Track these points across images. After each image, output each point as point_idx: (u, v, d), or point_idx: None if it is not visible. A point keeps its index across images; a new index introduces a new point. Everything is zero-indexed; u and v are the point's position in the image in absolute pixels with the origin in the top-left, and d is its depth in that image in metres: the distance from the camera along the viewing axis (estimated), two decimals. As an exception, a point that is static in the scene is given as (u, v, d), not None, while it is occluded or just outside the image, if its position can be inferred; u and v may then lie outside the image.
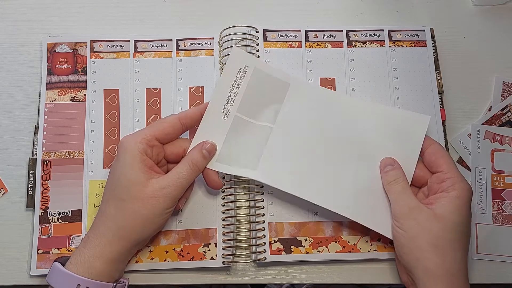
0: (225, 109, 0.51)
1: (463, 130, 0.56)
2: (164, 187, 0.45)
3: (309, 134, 0.51)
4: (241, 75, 0.51)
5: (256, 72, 0.52)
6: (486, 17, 0.60)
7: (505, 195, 0.53)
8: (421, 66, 0.56)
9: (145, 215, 0.45)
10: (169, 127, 0.48)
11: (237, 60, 0.52)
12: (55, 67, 0.55)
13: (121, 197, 0.45)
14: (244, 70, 0.51)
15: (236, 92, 0.51)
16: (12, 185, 0.53)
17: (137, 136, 0.46)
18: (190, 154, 0.48)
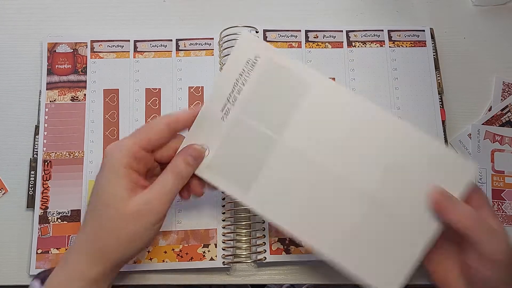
0: (225, 109, 0.43)
1: (463, 130, 0.56)
2: (149, 201, 0.41)
3: (323, 159, 0.41)
4: (249, 67, 0.43)
5: (269, 65, 0.42)
6: (486, 17, 0.60)
7: (505, 195, 0.53)
8: (421, 66, 0.56)
9: (129, 234, 0.40)
10: (155, 136, 0.43)
11: (246, 48, 0.42)
12: (55, 67, 0.55)
13: (103, 214, 0.41)
14: (254, 61, 0.43)
15: (241, 88, 0.43)
16: (12, 185, 0.53)
17: (121, 148, 0.41)
18: (173, 162, 0.43)
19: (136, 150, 0.42)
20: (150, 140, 0.43)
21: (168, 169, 0.43)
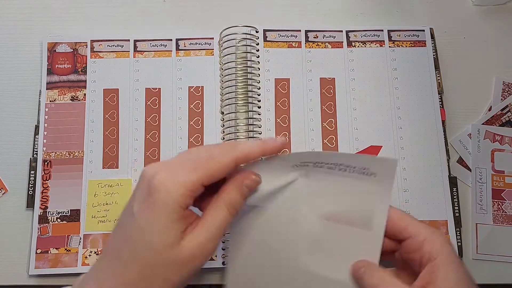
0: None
1: (463, 130, 0.56)
2: (203, 243, 0.36)
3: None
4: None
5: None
6: (486, 17, 0.60)
7: (505, 195, 0.53)
8: (421, 66, 0.56)
9: (176, 281, 0.35)
10: (220, 173, 0.37)
11: None
12: (55, 66, 0.55)
13: (151, 262, 0.35)
14: None
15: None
16: (12, 185, 0.53)
17: (179, 184, 0.35)
18: (227, 193, 0.38)
19: (197, 188, 0.36)
20: (213, 176, 0.36)
21: (221, 201, 0.37)
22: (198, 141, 0.54)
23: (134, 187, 0.38)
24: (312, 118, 0.55)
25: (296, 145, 0.54)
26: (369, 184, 0.37)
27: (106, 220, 0.51)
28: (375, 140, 0.54)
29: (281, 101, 0.55)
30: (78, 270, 0.50)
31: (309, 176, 0.39)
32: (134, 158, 0.53)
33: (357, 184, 0.38)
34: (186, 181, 0.35)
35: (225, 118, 0.54)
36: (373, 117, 0.55)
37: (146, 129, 0.54)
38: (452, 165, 0.54)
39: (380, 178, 0.37)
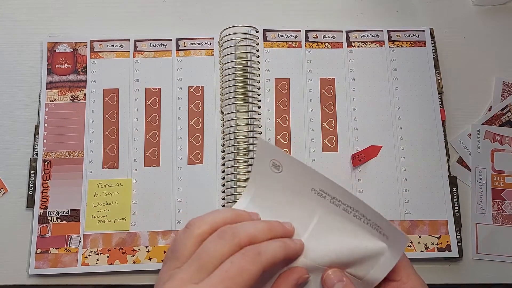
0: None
1: (463, 130, 0.56)
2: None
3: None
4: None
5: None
6: (486, 17, 0.60)
7: (505, 195, 0.53)
8: (421, 66, 0.56)
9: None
10: (251, 284, 0.36)
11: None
12: (55, 66, 0.55)
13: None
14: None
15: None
16: (12, 185, 0.53)
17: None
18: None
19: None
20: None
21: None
22: (198, 141, 0.54)
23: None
24: (312, 118, 0.55)
25: (296, 145, 0.54)
26: (379, 242, 0.37)
27: (106, 220, 0.51)
28: (375, 140, 0.54)
29: (281, 101, 0.55)
30: (78, 270, 0.50)
31: (326, 210, 0.39)
32: (134, 158, 0.53)
33: (369, 238, 0.38)
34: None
35: (225, 118, 0.54)
36: (373, 117, 0.55)
37: (146, 129, 0.54)
38: (452, 165, 0.54)
39: (391, 243, 0.37)
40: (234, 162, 0.52)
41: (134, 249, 0.50)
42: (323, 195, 0.38)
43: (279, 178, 0.38)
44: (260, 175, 0.39)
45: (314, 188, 0.38)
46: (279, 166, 0.38)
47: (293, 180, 0.38)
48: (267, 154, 0.38)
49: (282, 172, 0.38)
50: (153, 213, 0.51)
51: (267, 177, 0.39)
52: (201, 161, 0.53)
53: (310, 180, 0.38)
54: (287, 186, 0.39)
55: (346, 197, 0.37)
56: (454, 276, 0.51)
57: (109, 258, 0.50)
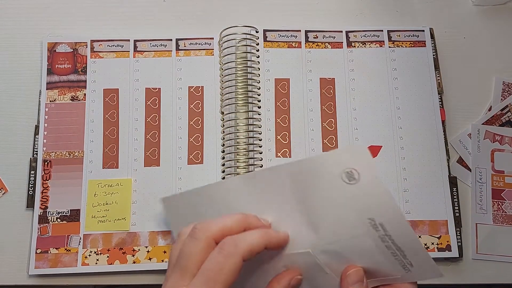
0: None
1: (463, 130, 0.56)
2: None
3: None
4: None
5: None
6: (486, 17, 0.60)
7: (505, 195, 0.53)
8: (421, 66, 0.56)
9: None
10: (234, 278, 0.36)
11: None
12: (55, 66, 0.55)
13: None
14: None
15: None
16: (12, 185, 0.53)
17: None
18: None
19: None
20: (228, 286, 0.37)
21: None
22: (198, 141, 0.54)
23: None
24: (312, 118, 0.55)
25: (296, 145, 0.54)
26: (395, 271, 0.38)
27: (106, 220, 0.51)
28: (375, 140, 0.54)
29: (281, 101, 0.55)
30: (78, 270, 0.50)
31: (367, 238, 0.38)
32: (134, 158, 0.53)
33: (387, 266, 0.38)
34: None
35: (225, 118, 0.54)
36: (373, 117, 0.55)
37: (146, 129, 0.54)
38: (452, 165, 0.54)
39: (415, 269, 0.38)
40: (234, 162, 0.52)
41: (134, 249, 0.50)
42: (378, 229, 0.37)
43: (353, 189, 0.37)
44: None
45: (373, 220, 0.37)
46: (355, 179, 0.37)
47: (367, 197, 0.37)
48: (343, 163, 0.37)
49: (357, 184, 0.37)
50: (153, 213, 0.51)
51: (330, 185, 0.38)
52: (201, 161, 0.53)
53: (376, 208, 0.37)
54: (354, 201, 0.38)
55: (403, 239, 0.37)
56: (454, 276, 0.51)
57: (109, 258, 0.50)
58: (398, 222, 0.36)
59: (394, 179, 0.53)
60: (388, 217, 0.36)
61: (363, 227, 0.37)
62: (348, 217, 0.37)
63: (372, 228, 0.37)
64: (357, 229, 0.37)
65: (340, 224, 0.38)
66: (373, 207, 0.37)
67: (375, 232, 0.37)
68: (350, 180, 0.37)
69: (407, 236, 0.36)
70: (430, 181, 0.53)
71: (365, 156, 0.37)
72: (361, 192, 0.37)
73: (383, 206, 0.36)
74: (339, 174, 0.37)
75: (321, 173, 0.38)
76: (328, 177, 0.38)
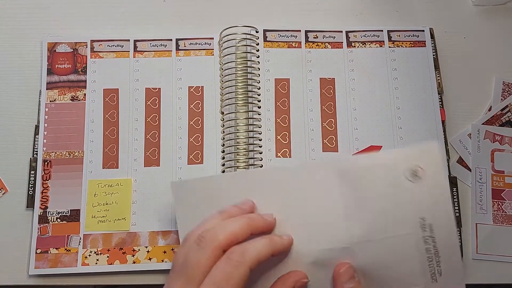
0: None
1: (463, 130, 0.56)
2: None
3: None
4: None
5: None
6: (486, 17, 0.60)
7: (505, 195, 0.53)
8: (421, 66, 0.56)
9: None
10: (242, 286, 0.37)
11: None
12: (55, 66, 0.55)
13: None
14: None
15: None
16: (12, 185, 0.53)
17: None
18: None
19: None
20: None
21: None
22: (198, 141, 0.54)
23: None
24: (312, 118, 0.55)
25: (296, 145, 0.54)
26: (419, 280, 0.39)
27: (106, 220, 0.51)
28: (375, 140, 0.54)
29: (281, 101, 0.55)
30: (78, 270, 0.50)
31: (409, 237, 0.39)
32: (134, 158, 0.53)
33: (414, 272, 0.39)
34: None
35: (225, 118, 0.54)
36: (373, 117, 0.55)
37: (146, 129, 0.54)
38: (452, 165, 0.54)
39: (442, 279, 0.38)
40: (234, 162, 0.52)
41: (134, 249, 0.50)
42: (425, 229, 0.38)
43: (413, 187, 0.38)
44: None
45: (424, 219, 0.38)
46: (419, 177, 0.38)
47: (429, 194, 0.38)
48: (411, 160, 0.38)
49: (420, 182, 0.38)
50: (153, 213, 0.52)
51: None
52: (201, 161, 0.53)
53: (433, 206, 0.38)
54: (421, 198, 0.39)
55: (446, 243, 0.38)
56: (454, 276, 0.51)
57: (109, 258, 0.50)
58: (447, 226, 0.37)
59: (394, 179, 0.53)
60: (440, 219, 0.37)
61: (411, 226, 0.38)
62: (400, 214, 0.38)
63: (419, 228, 0.38)
64: (404, 227, 0.38)
65: (387, 221, 0.38)
66: (429, 207, 0.37)
67: (421, 232, 0.38)
68: (414, 178, 0.38)
69: (450, 241, 0.37)
70: (430, 181, 0.53)
71: (435, 156, 0.38)
72: (421, 191, 0.38)
73: (438, 207, 0.37)
74: (403, 172, 0.38)
75: (380, 169, 0.39)
76: (389, 174, 0.38)
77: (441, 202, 0.37)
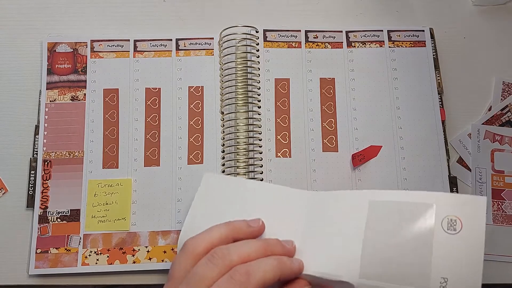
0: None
1: (463, 130, 0.56)
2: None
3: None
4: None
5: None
6: (486, 17, 0.60)
7: (505, 195, 0.53)
8: (421, 66, 0.56)
9: None
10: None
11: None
12: (55, 66, 0.55)
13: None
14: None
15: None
16: (12, 185, 0.53)
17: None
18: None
19: None
20: None
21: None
22: (198, 141, 0.54)
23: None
24: (312, 118, 0.55)
25: (296, 145, 0.54)
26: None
27: (106, 220, 0.51)
28: (375, 140, 0.54)
29: (281, 101, 0.55)
30: (78, 270, 0.50)
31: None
32: (134, 158, 0.53)
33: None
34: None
35: (225, 118, 0.54)
36: (373, 117, 0.55)
37: (146, 129, 0.54)
38: (452, 165, 0.54)
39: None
40: (234, 162, 0.52)
41: (134, 249, 0.50)
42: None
43: (446, 239, 0.35)
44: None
45: (446, 280, 0.34)
46: (455, 230, 0.35)
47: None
48: (451, 209, 0.35)
49: (454, 236, 0.34)
50: (153, 213, 0.52)
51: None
52: (201, 161, 0.53)
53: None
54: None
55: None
56: (454, 276, 0.51)
57: (109, 258, 0.50)
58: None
59: (394, 179, 0.53)
60: (464, 283, 0.33)
61: (430, 283, 0.34)
62: (422, 265, 0.34)
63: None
64: (422, 282, 0.34)
65: (406, 270, 0.35)
66: (455, 267, 0.34)
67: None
68: (450, 229, 0.35)
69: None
70: (430, 181, 0.53)
71: (481, 212, 0.34)
72: (453, 246, 0.34)
73: (467, 270, 0.33)
74: (440, 219, 0.35)
75: (417, 209, 0.35)
76: (426, 216, 0.35)
77: (471, 265, 0.33)
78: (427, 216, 0.35)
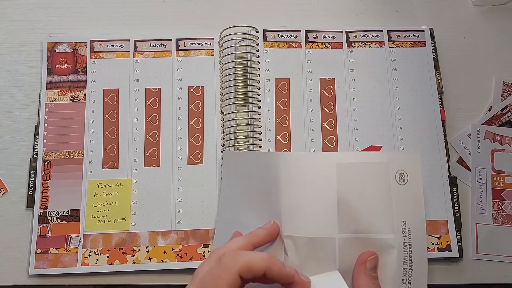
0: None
1: (463, 130, 0.56)
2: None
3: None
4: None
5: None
6: (486, 17, 0.60)
7: (505, 195, 0.53)
8: (421, 67, 0.56)
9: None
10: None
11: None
12: (55, 67, 0.55)
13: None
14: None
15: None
16: (12, 185, 0.53)
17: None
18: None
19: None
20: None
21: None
22: (198, 141, 0.54)
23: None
24: (312, 118, 0.55)
25: (296, 145, 0.54)
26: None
27: (106, 220, 0.51)
28: (375, 140, 0.54)
29: (281, 101, 0.55)
30: (78, 270, 0.50)
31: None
32: (134, 158, 0.53)
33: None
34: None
35: (225, 118, 0.54)
36: (373, 117, 0.55)
37: (146, 129, 0.54)
38: (452, 165, 0.54)
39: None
40: (234, 162, 0.52)
41: (134, 249, 0.50)
42: (405, 235, 0.44)
43: (400, 189, 0.44)
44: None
45: (405, 223, 0.44)
46: (404, 181, 0.45)
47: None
48: (398, 165, 0.45)
49: (404, 186, 0.45)
50: (153, 213, 0.52)
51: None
52: (201, 161, 0.53)
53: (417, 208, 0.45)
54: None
55: (418, 252, 0.44)
56: (454, 276, 0.51)
57: (109, 258, 0.50)
58: (420, 232, 0.43)
59: (394, 179, 0.53)
60: (416, 224, 0.43)
61: (396, 229, 0.43)
62: (388, 213, 0.43)
63: (401, 233, 0.43)
64: (389, 228, 0.43)
65: (377, 219, 0.43)
66: (408, 210, 0.43)
67: (402, 238, 0.43)
68: (401, 181, 0.44)
69: (422, 251, 0.43)
70: (430, 181, 0.53)
71: (418, 164, 0.44)
72: (405, 194, 0.44)
73: (415, 211, 0.43)
74: (393, 174, 0.44)
75: (374, 169, 0.45)
76: (382, 174, 0.44)
77: (417, 208, 0.44)
78: (384, 173, 0.44)
